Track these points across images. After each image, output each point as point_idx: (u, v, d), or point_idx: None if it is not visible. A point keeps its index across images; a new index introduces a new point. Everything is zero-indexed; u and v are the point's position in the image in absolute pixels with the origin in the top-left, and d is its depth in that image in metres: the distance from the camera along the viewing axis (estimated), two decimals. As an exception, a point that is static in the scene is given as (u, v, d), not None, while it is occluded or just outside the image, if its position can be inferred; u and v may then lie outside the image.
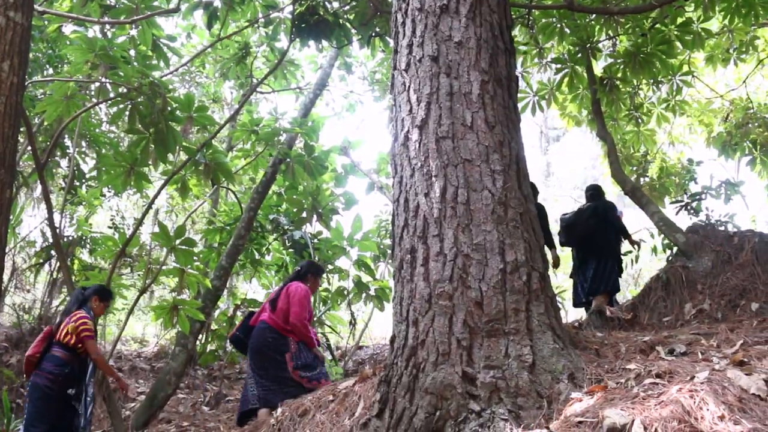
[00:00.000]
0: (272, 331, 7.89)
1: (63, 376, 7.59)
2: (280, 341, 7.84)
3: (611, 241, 9.36)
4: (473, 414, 4.04)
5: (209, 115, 9.50)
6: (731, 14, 9.63)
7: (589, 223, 9.68)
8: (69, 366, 7.67)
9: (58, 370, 7.59)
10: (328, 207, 12.52)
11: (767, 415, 3.34)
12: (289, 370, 7.69)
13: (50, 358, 7.67)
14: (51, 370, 7.58)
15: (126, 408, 11.45)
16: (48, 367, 7.61)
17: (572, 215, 10.25)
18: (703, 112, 14.77)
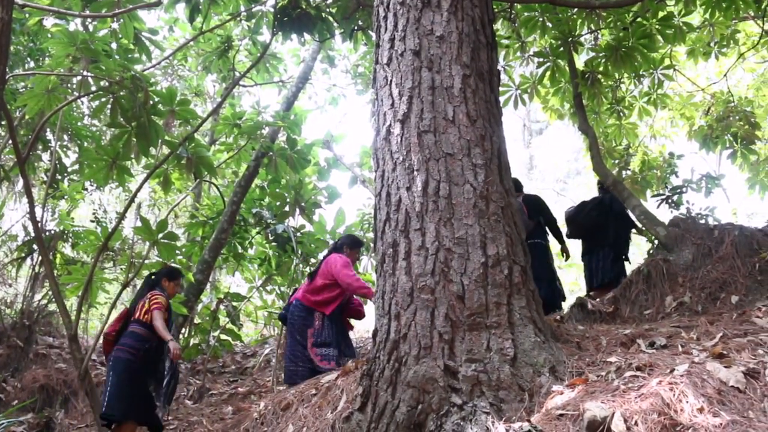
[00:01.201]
0: (301, 309, 8.24)
1: (144, 351, 7.89)
2: (306, 319, 8.18)
3: (617, 231, 9.44)
4: (455, 407, 4.06)
5: (191, 109, 9.47)
6: (712, 8, 9.67)
7: (591, 215, 9.79)
8: (149, 342, 7.97)
9: (138, 344, 7.89)
10: (311, 200, 12.51)
11: (746, 407, 3.37)
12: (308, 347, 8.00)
13: (130, 334, 7.99)
14: (132, 344, 7.89)
15: (109, 402, 11.40)
16: (129, 342, 7.92)
17: (576, 207, 10.37)
18: (684, 106, 14.81)
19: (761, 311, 5.83)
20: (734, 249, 7.40)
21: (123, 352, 7.90)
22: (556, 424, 3.51)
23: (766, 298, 6.48)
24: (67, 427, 10.29)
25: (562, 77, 11.00)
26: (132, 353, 7.85)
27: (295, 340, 8.20)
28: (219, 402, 10.34)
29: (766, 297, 6.52)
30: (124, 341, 7.97)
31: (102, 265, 14.19)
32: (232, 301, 12.40)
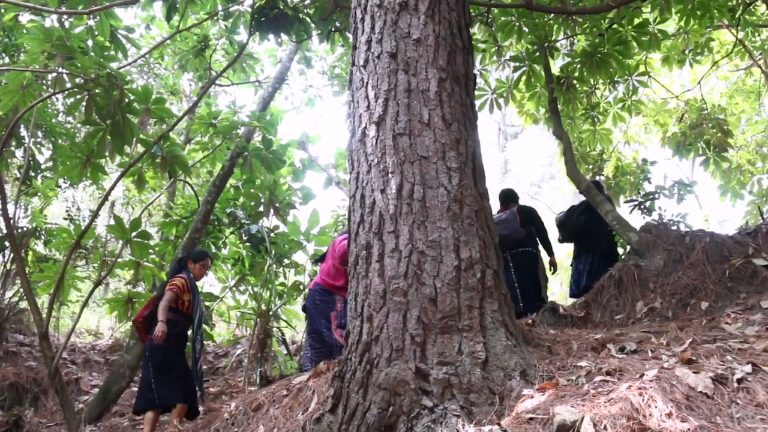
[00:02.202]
0: (321, 293, 8.47)
1: (174, 335, 8.27)
2: (329, 302, 8.41)
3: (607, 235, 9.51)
4: (426, 410, 4.06)
5: (167, 108, 9.44)
6: (687, 16, 9.74)
7: (580, 219, 9.92)
8: (179, 325, 8.40)
9: (169, 330, 8.12)
10: (286, 201, 12.48)
11: (713, 412, 3.40)
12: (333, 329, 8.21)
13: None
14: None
15: (79, 401, 11.34)
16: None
17: (566, 212, 10.48)
18: (658, 112, 14.91)
19: (730, 318, 5.89)
20: (705, 255, 7.46)
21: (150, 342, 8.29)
22: (526, 428, 3.52)
23: (736, 304, 6.54)
24: (37, 425, 10.22)
25: (537, 82, 11.05)
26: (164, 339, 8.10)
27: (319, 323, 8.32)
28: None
29: (736, 304, 6.57)
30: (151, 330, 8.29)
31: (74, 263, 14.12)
32: (204, 301, 12.35)
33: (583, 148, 13.67)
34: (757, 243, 7.60)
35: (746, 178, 16.18)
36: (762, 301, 6.18)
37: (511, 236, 9.70)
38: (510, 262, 9.79)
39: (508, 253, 9.77)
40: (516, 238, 9.75)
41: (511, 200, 10.36)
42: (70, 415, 8.48)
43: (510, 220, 9.85)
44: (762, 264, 7.10)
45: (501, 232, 9.35)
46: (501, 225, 9.69)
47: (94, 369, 13.70)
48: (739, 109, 17.74)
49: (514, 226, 9.78)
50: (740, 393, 3.58)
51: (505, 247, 9.63)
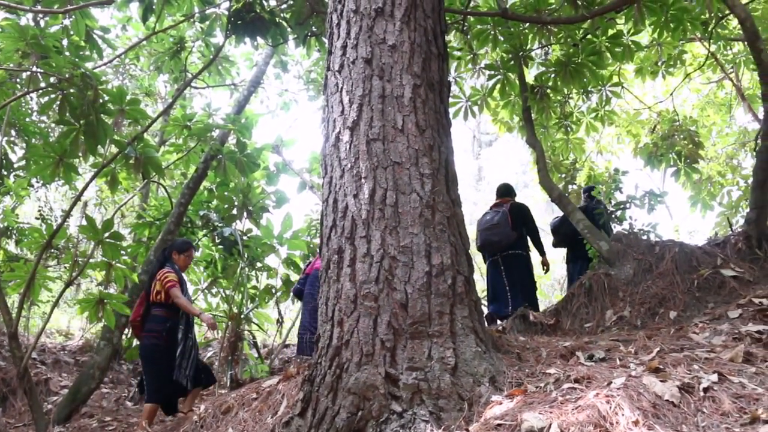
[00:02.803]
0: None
1: (166, 331, 8.29)
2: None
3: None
4: (395, 415, 4.07)
5: (141, 109, 9.39)
6: (660, 28, 9.81)
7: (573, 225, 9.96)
8: (170, 321, 8.37)
9: (160, 326, 8.29)
10: (259, 204, 12.46)
11: (679, 420, 3.43)
12: None
13: (151, 318, 8.40)
14: (153, 327, 8.31)
15: (48, 402, 11.26)
16: (151, 326, 8.34)
17: (560, 218, 10.60)
18: (631, 123, 15.04)
19: (698, 327, 5.93)
20: (674, 265, 7.52)
21: (148, 338, 8.33)
22: (494, 434, 3.54)
23: (704, 314, 6.58)
24: (5, 425, 10.14)
25: (512, 90, 11.08)
26: (155, 336, 8.26)
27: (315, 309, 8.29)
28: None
29: (704, 313, 6.62)
30: (147, 326, 8.39)
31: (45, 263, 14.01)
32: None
33: (556, 157, 13.74)
34: (726, 254, 7.67)
35: (716, 189, 16.34)
36: (729, 311, 6.23)
37: (501, 242, 9.83)
38: (501, 264, 9.92)
39: (499, 255, 9.92)
40: (507, 243, 9.85)
41: (507, 194, 10.50)
42: (38, 416, 8.42)
43: (501, 224, 9.88)
44: (730, 275, 7.16)
45: (491, 238, 9.71)
46: (492, 230, 9.85)
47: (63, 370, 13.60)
48: (710, 122, 17.92)
49: (505, 231, 9.83)
50: (706, 402, 3.60)
51: (496, 251, 9.89)
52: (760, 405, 3.46)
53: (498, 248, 9.89)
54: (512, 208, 10.09)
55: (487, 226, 10.00)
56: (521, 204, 10.34)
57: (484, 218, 10.26)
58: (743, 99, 14.90)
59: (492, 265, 10.17)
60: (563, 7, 9.67)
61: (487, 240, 9.94)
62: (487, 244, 9.99)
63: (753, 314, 6.01)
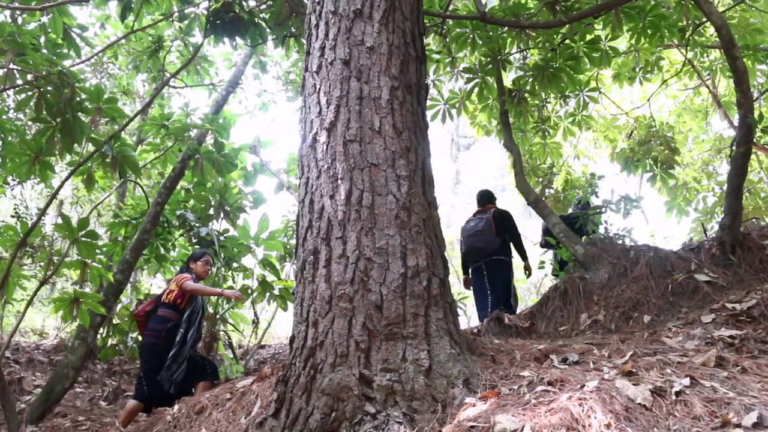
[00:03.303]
0: None
1: (166, 331, 8.55)
2: None
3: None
4: (368, 416, 4.07)
5: (119, 107, 9.34)
6: (638, 34, 9.87)
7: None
8: (171, 322, 8.63)
9: (161, 326, 8.59)
10: (236, 205, 12.43)
11: (651, 424, 3.44)
12: None
13: (155, 318, 8.73)
14: (155, 327, 8.61)
15: (21, 401, 11.18)
16: (152, 326, 8.66)
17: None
18: (608, 128, 15.10)
19: (671, 332, 5.97)
20: (649, 270, 7.57)
21: (148, 337, 8.63)
22: (467, 436, 3.54)
23: (677, 319, 6.63)
24: (-25, 425, 10.06)
25: (490, 94, 11.12)
26: (155, 336, 8.53)
27: None
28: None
29: (677, 318, 6.66)
30: (150, 325, 8.70)
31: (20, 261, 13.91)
32: (153, 303, 12.27)
33: (534, 161, 13.80)
34: (700, 259, 7.73)
35: (692, 195, 16.44)
36: (703, 316, 6.27)
37: (486, 249, 9.94)
38: (484, 270, 10.03)
39: (482, 261, 10.03)
40: (491, 249, 9.95)
41: (488, 201, 10.61)
42: (11, 415, 8.35)
43: (486, 231, 9.99)
44: (704, 280, 7.22)
45: (476, 245, 9.84)
46: (477, 237, 9.98)
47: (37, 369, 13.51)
48: (686, 128, 18.05)
49: (489, 237, 9.95)
50: (678, 405, 3.61)
51: (480, 257, 9.99)
52: (731, 409, 3.48)
53: (483, 254, 10.00)
54: (495, 215, 10.18)
55: (472, 232, 10.13)
56: (504, 210, 10.44)
57: (468, 225, 10.39)
58: (719, 106, 15.02)
59: (475, 271, 10.29)
60: (541, 12, 9.71)
61: (472, 246, 10.05)
62: (472, 251, 10.09)
63: (726, 319, 6.05)
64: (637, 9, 9.45)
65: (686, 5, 9.97)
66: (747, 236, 7.83)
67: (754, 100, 9.08)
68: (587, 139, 16.40)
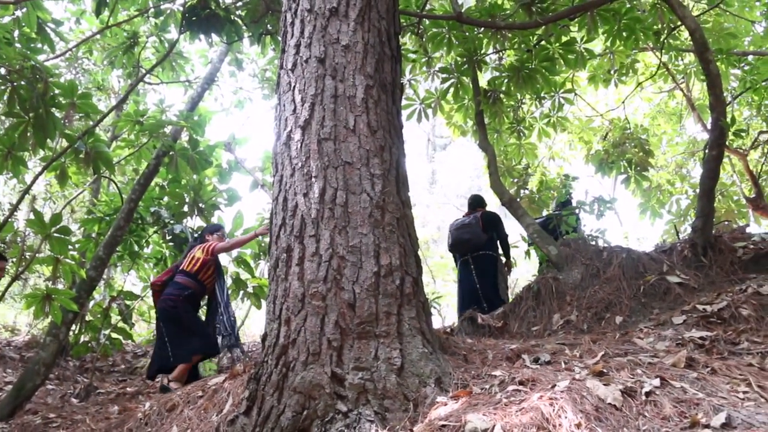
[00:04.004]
0: None
1: (183, 297, 8.74)
2: None
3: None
4: (340, 414, 4.07)
5: (92, 103, 9.30)
6: (613, 37, 9.92)
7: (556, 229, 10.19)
8: (189, 289, 8.84)
9: (177, 292, 8.75)
10: (210, 202, 12.38)
11: (621, 424, 3.46)
12: None
13: (172, 284, 8.89)
14: (171, 292, 8.77)
15: (-10, 398, 11.09)
16: (169, 291, 8.81)
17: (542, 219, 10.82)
18: (583, 130, 15.18)
19: (643, 332, 6.01)
20: (621, 271, 7.62)
21: (164, 302, 8.76)
22: (438, 434, 3.55)
23: (649, 320, 6.67)
24: (-54, 421, 9.97)
25: (465, 94, 11.15)
26: (172, 300, 8.69)
27: None
28: (106, 401, 10.12)
29: (649, 319, 6.71)
30: (166, 291, 8.84)
31: (-9, 257, 13.81)
32: (125, 300, 12.20)
33: (509, 162, 13.83)
34: (672, 260, 7.78)
35: (665, 197, 16.54)
36: (674, 317, 6.31)
37: (472, 240, 10.14)
38: (472, 264, 10.19)
39: (470, 255, 10.21)
40: (477, 243, 10.14)
41: (478, 205, 10.78)
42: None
43: (473, 224, 10.26)
44: (675, 281, 7.27)
45: (463, 236, 10.09)
46: (464, 229, 10.22)
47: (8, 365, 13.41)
48: (661, 131, 18.18)
49: (476, 230, 10.18)
50: (648, 406, 3.64)
51: (467, 250, 10.18)
52: (700, 410, 3.50)
53: (468, 247, 10.19)
54: (483, 215, 10.41)
55: (459, 226, 10.39)
56: (493, 212, 10.69)
57: (456, 221, 10.64)
58: (693, 109, 15.10)
59: (463, 265, 10.47)
60: (517, 13, 9.74)
61: (459, 238, 10.27)
62: (458, 243, 10.30)
63: (697, 320, 6.10)
64: (613, 11, 9.50)
65: (661, 9, 10.05)
66: (719, 238, 7.89)
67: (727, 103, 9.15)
68: (562, 141, 16.49)
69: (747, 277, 7.22)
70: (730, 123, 8.12)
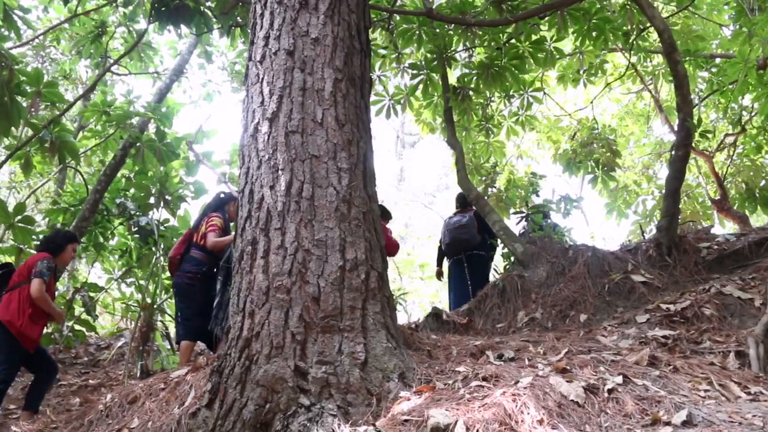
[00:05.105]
0: None
1: (201, 274, 8.55)
2: None
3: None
4: (303, 408, 4.05)
5: (59, 92, 9.24)
6: (582, 36, 9.96)
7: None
8: (206, 265, 8.64)
9: (195, 269, 8.56)
10: (177, 194, 12.29)
11: (583, 420, 3.47)
12: None
13: (189, 259, 8.67)
14: (189, 269, 8.57)
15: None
16: (187, 267, 8.60)
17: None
18: (551, 129, 15.25)
19: (606, 330, 6.06)
20: (586, 269, 7.67)
21: (182, 278, 8.59)
22: (401, 429, 3.54)
23: (613, 318, 6.72)
24: None
25: (434, 91, 11.15)
26: (190, 278, 8.52)
27: None
28: (68, 393, 10.04)
29: (613, 317, 6.76)
30: (184, 266, 8.64)
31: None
32: (89, 292, 12.10)
33: (477, 160, 13.86)
34: (637, 260, 7.84)
35: (632, 198, 16.63)
36: (637, 316, 6.37)
37: (469, 241, 10.43)
38: (465, 263, 10.46)
39: (463, 254, 10.50)
40: (473, 243, 10.42)
41: (468, 204, 10.87)
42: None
43: (469, 225, 10.50)
44: (640, 280, 7.33)
45: (461, 236, 10.44)
46: (462, 229, 10.52)
47: (-33, 357, 13.25)
48: (628, 131, 18.28)
49: (472, 232, 10.47)
50: (610, 403, 3.66)
51: (461, 250, 10.48)
52: (661, 407, 3.53)
53: (465, 247, 10.49)
54: (476, 214, 10.51)
55: (456, 225, 10.64)
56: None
57: (452, 219, 10.90)
58: (661, 110, 15.19)
59: (455, 263, 10.73)
60: (488, 11, 9.75)
61: (456, 238, 10.57)
62: (455, 242, 10.60)
63: (660, 319, 6.16)
64: (583, 11, 9.54)
65: (631, 9, 10.09)
66: (683, 239, 7.96)
67: (694, 105, 9.22)
68: (531, 140, 16.55)
69: (710, 277, 7.30)
70: (696, 124, 8.19)
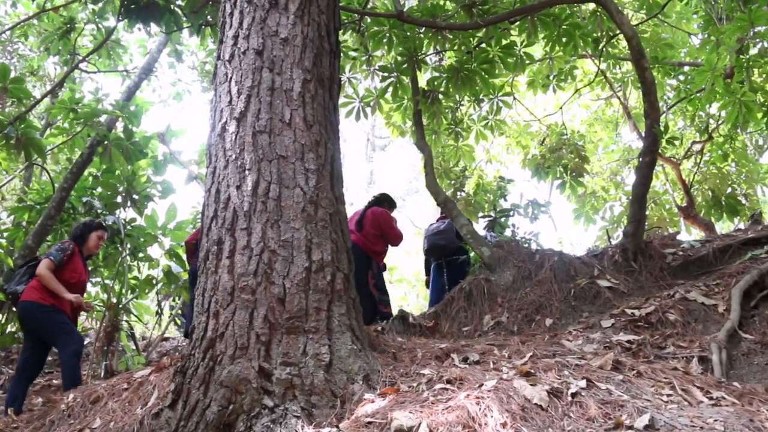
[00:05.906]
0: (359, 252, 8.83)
1: None
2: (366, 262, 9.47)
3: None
4: (266, 409, 4.04)
5: (25, 88, 9.16)
6: (553, 42, 10.02)
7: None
8: None
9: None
10: (144, 193, 12.23)
11: (546, 424, 3.48)
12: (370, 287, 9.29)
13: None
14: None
15: None
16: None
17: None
18: (520, 134, 15.32)
19: (572, 335, 6.09)
20: (553, 274, 7.70)
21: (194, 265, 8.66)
22: (364, 431, 3.54)
23: (578, 322, 6.75)
24: None
25: (404, 94, 11.15)
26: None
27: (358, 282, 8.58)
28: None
29: (578, 322, 6.79)
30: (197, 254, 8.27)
31: None
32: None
33: (446, 163, 13.89)
34: (603, 265, 7.89)
35: (600, 204, 16.77)
36: (603, 321, 6.41)
37: (447, 246, 10.60)
38: (444, 267, 10.64)
39: (443, 259, 10.66)
40: (452, 248, 10.56)
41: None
42: None
43: (448, 231, 10.66)
44: (605, 285, 7.37)
45: (439, 242, 10.69)
46: (440, 235, 10.72)
47: (-71, 356, 13.12)
48: (597, 138, 18.43)
49: (450, 237, 10.61)
50: (573, 407, 3.67)
51: (441, 255, 10.67)
52: (624, 411, 3.55)
53: (443, 252, 10.65)
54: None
55: (435, 231, 10.87)
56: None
57: (432, 226, 11.14)
58: (629, 117, 15.32)
59: (436, 268, 10.89)
60: (459, 14, 9.78)
61: (435, 244, 10.77)
62: (434, 248, 10.80)
63: (625, 324, 6.20)
64: (553, 17, 9.59)
65: (600, 16, 10.16)
66: (649, 244, 8.02)
67: (662, 113, 9.29)
68: (500, 144, 16.62)
69: (675, 282, 7.36)
70: (663, 130, 8.26)
